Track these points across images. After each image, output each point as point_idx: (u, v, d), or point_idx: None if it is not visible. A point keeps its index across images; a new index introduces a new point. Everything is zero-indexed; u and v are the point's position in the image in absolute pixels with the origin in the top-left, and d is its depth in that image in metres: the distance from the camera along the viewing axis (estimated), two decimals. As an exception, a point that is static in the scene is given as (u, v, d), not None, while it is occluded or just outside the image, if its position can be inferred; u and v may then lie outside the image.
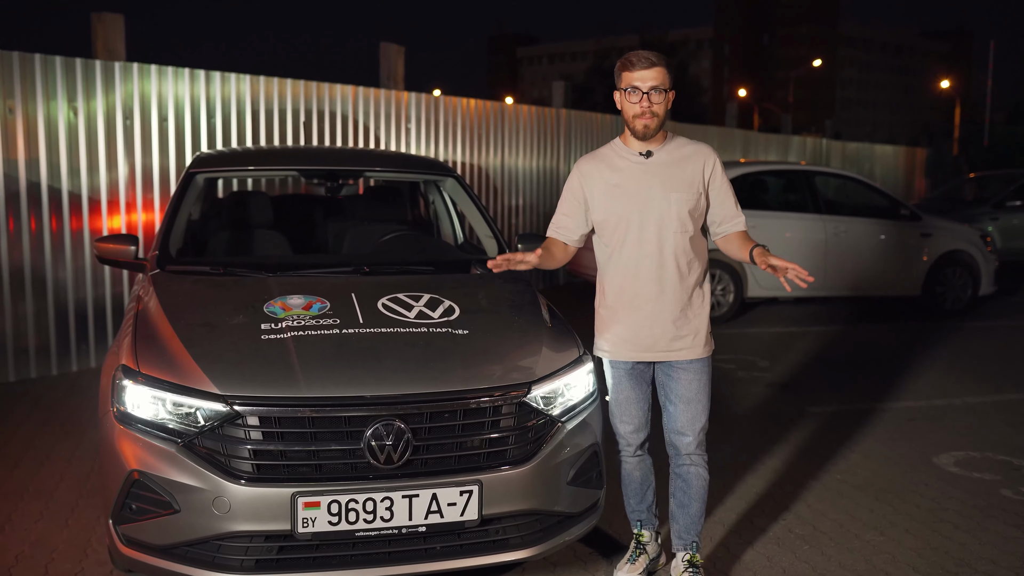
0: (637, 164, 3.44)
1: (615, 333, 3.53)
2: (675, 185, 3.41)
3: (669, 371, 3.53)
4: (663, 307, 3.44)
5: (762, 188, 10.20)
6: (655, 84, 3.30)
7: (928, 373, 7.38)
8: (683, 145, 3.48)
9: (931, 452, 5.34)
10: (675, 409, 3.53)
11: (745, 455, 5.22)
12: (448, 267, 4.31)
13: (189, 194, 4.59)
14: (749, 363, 7.57)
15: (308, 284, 3.81)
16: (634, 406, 3.58)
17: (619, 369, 3.57)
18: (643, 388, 3.59)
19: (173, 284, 3.84)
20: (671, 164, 3.43)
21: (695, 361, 3.51)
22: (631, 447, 3.64)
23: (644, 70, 3.30)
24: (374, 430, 3.04)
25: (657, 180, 3.41)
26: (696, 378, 3.51)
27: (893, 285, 10.00)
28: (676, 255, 3.43)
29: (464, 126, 10.41)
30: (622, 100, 3.39)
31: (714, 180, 3.48)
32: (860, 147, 22.55)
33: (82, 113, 6.87)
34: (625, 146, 3.48)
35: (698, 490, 3.56)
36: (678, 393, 3.51)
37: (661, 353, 3.48)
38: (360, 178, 5.35)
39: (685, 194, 3.40)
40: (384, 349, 3.30)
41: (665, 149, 3.45)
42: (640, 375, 3.57)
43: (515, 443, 3.23)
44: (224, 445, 3.03)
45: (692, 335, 3.48)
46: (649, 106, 3.31)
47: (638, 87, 3.31)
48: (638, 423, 3.60)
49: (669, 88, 3.35)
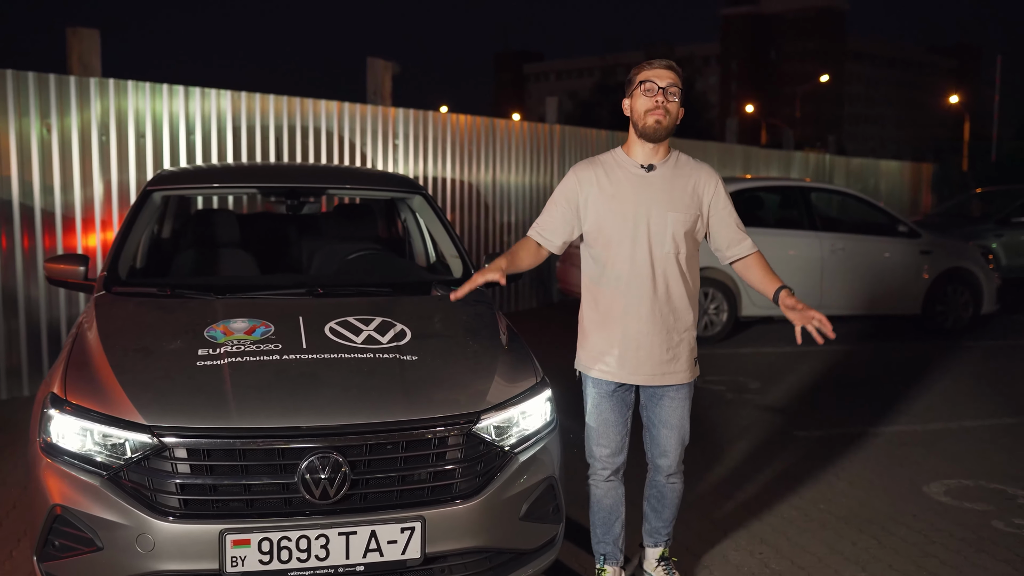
0: (637, 177, 3.30)
1: (599, 352, 3.38)
2: (674, 204, 3.28)
3: (654, 395, 3.41)
4: (652, 329, 3.30)
5: (757, 205, 10.01)
6: (671, 83, 3.20)
7: (924, 395, 7.16)
8: (686, 164, 3.37)
9: (921, 480, 5.13)
10: (658, 433, 3.45)
11: (726, 483, 5.02)
12: (407, 289, 4.13)
13: (145, 212, 4.43)
14: (740, 385, 7.36)
15: (255, 307, 3.64)
16: (612, 429, 3.43)
17: (601, 389, 3.41)
18: (624, 412, 3.44)
19: (115, 307, 3.67)
20: (672, 181, 3.30)
21: (680, 389, 3.40)
22: (605, 471, 3.49)
23: (663, 69, 3.22)
24: (309, 463, 2.86)
25: (656, 196, 3.28)
26: (681, 404, 3.42)
27: (892, 304, 9.78)
28: (668, 276, 3.30)
29: (454, 142, 10.25)
30: (633, 101, 3.26)
31: (716, 203, 3.35)
32: (865, 163, 22.33)
33: (56, 130, 6.73)
34: (627, 156, 3.34)
35: (672, 499, 3.56)
36: (662, 418, 3.42)
37: (647, 377, 3.35)
38: (323, 195, 5.19)
39: (683, 214, 3.28)
40: (325, 376, 3.13)
41: (667, 164, 3.33)
42: (622, 398, 3.42)
43: (462, 476, 3.05)
44: (150, 479, 2.86)
45: (680, 359, 3.35)
46: (664, 102, 3.19)
47: (655, 82, 3.20)
48: (615, 447, 3.45)
49: (681, 100, 3.25)
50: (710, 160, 15.48)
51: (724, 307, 9.14)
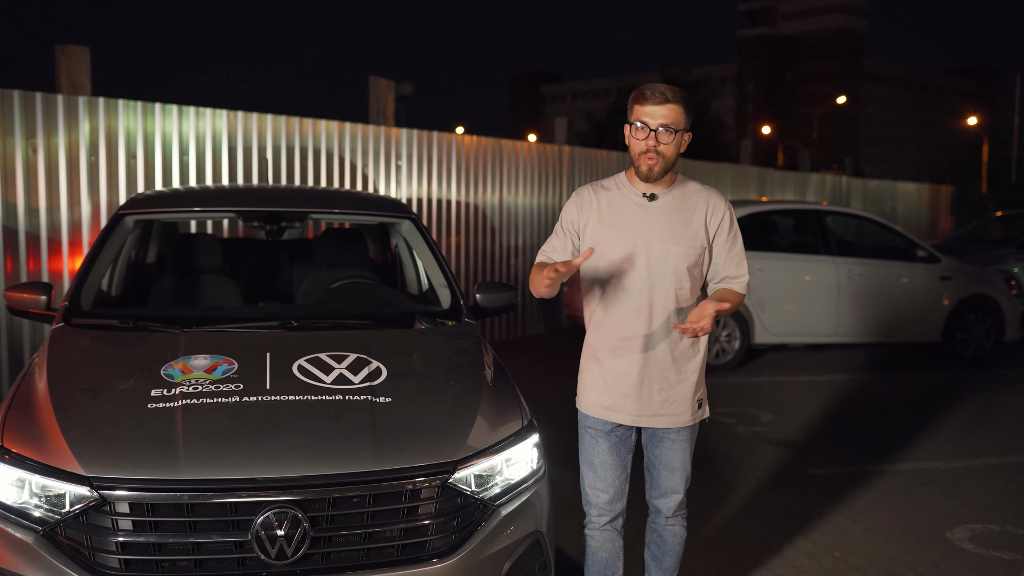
0: (638, 206, 3.04)
1: (597, 391, 3.12)
2: (676, 236, 3.02)
3: (654, 436, 3.17)
4: (651, 368, 3.05)
5: (771, 228, 9.70)
6: (665, 122, 2.91)
7: (946, 429, 6.81)
8: (693, 192, 3.08)
9: (944, 525, 4.80)
10: (658, 475, 3.21)
11: (733, 526, 4.70)
12: (389, 321, 3.85)
13: (115, 237, 4.18)
14: (751, 417, 7.04)
15: (221, 341, 3.37)
16: (610, 472, 3.16)
17: (598, 430, 3.15)
18: (623, 454, 3.17)
19: (70, 341, 3.41)
20: (676, 212, 3.04)
21: (683, 431, 3.14)
22: (602, 518, 3.21)
23: (656, 105, 2.91)
24: (265, 519, 2.59)
25: (657, 228, 3.02)
26: (683, 447, 3.17)
27: (911, 331, 9.44)
28: (667, 312, 3.03)
29: (460, 163, 10.01)
30: (629, 135, 2.99)
31: (720, 234, 3.09)
32: (882, 185, 21.99)
33: (42, 149, 6.52)
34: (629, 183, 3.08)
35: (673, 547, 3.29)
36: (663, 460, 3.18)
37: (647, 419, 3.09)
38: (304, 220, 4.93)
39: (686, 248, 3.02)
40: (286, 421, 2.85)
41: (672, 194, 3.05)
42: (621, 439, 3.16)
43: (437, 532, 2.76)
44: (88, 536, 2.59)
45: (680, 401, 3.08)
46: (655, 145, 2.92)
47: (647, 123, 2.92)
48: (614, 492, 3.18)
49: (685, 129, 2.95)
50: (723, 182, 15.19)
51: (736, 334, 8.83)
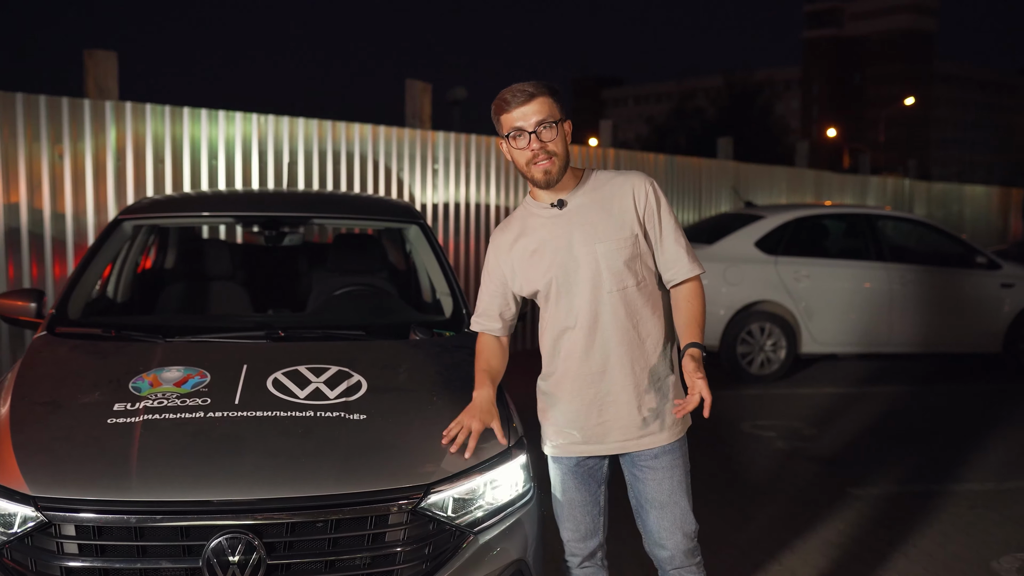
0: (550, 219, 2.75)
1: (554, 423, 2.83)
2: (599, 234, 2.70)
3: (633, 467, 2.82)
4: (610, 387, 2.73)
5: (820, 233, 9.32)
6: (541, 118, 2.62)
7: (1003, 447, 6.41)
8: (605, 181, 2.77)
9: (991, 553, 4.45)
10: (648, 517, 2.83)
11: (758, 550, 4.41)
12: (383, 332, 3.66)
13: (112, 243, 4.07)
14: (792, 431, 6.71)
15: (199, 352, 3.22)
16: (579, 510, 2.86)
17: (562, 465, 2.85)
18: (593, 488, 2.86)
19: (47, 351, 3.29)
20: (591, 208, 2.73)
21: (664, 454, 2.78)
22: (576, 557, 2.91)
23: (523, 105, 2.63)
24: (216, 544, 2.41)
25: (576, 232, 2.71)
26: (668, 475, 2.78)
27: (969, 341, 8.99)
28: (618, 320, 2.71)
29: (498, 167, 9.81)
30: (509, 149, 2.70)
31: (649, 215, 2.73)
32: (947, 188, 21.23)
33: (68, 155, 6.49)
34: (534, 200, 2.80)
35: None
36: (648, 497, 2.81)
37: (615, 444, 2.77)
38: (305, 225, 4.79)
39: (615, 242, 2.69)
40: (250, 440, 2.67)
41: (581, 192, 2.75)
42: (589, 473, 2.85)
43: (406, 561, 2.56)
44: (33, 560, 2.44)
45: (660, 416, 2.75)
46: (541, 146, 2.63)
47: (522, 127, 2.63)
48: (585, 530, 2.88)
49: (562, 119, 2.67)
50: (779, 186, 14.75)
51: (782, 343, 8.48)
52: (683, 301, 2.74)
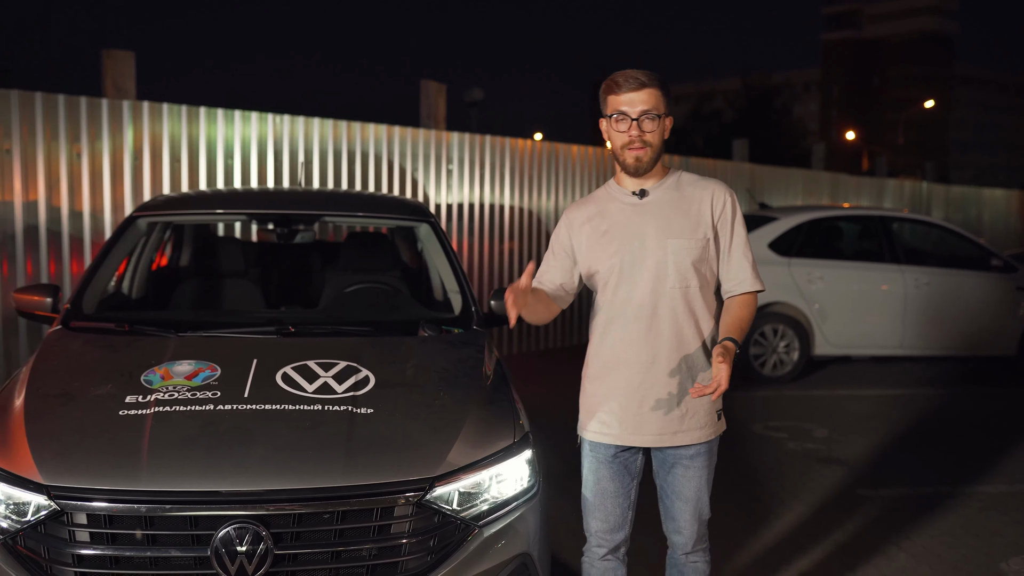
0: (630, 206, 2.84)
1: (597, 410, 2.89)
2: (673, 230, 2.79)
3: (665, 460, 2.91)
4: (656, 380, 2.80)
5: (835, 235, 9.31)
6: (646, 108, 2.72)
7: (1014, 450, 6.38)
8: (689, 183, 2.87)
9: (1000, 554, 4.45)
10: (672, 506, 2.94)
11: (767, 551, 4.43)
12: (392, 328, 3.70)
13: (126, 239, 4.13)
14: (803, 432, 6.71)
15: (210, 346, 3.27)
16: (611, 501, 2.92)
17: (599, 454, 2.91)
18: (626, 481, 2.92)
19: (61, 344, 3.35)
20: (671, 204, 2.82)
21: (698, 454, 2.88)
22: (601, 548, 2.97)
23: (633, 92, 2.72)
24: (224, 534, 2.46)
25: (652, 224, 2.80)
26: (697, 474, 2.90)
27: (983, 344, 8.95)
28: (675, 316, 2.79)
29: (513, 167, 9.85)
30: (608, 129, 2.80)
31: (724, 223, 2.83)
32: (965, 191, 21.09)
33: (86, 154, 6.58)
34: (618, 186, 2.88)
35: None
36: (676, 489, 2.92)
37: (652, 437, 2.83)
38: (316, 223, 4.84)
39: (687, 240, 2.78)
40: (258, 432, 2.72)
41: (664, 186, 2.84)
42: (624, 466, 2.91)
43: (411, 553, 2.60)
44: (46, 547, 2.49)
45: (696, 415, 2.83)
46: (640, 134, 2.72)
47: (626, 112, 2.73)
48: (614, 522, 2.94)
49: (665, 113, 2.76)
50: (794, 188, 14.72)
51: (795, 345, 8.47)
52: (736, 307, 2.83)
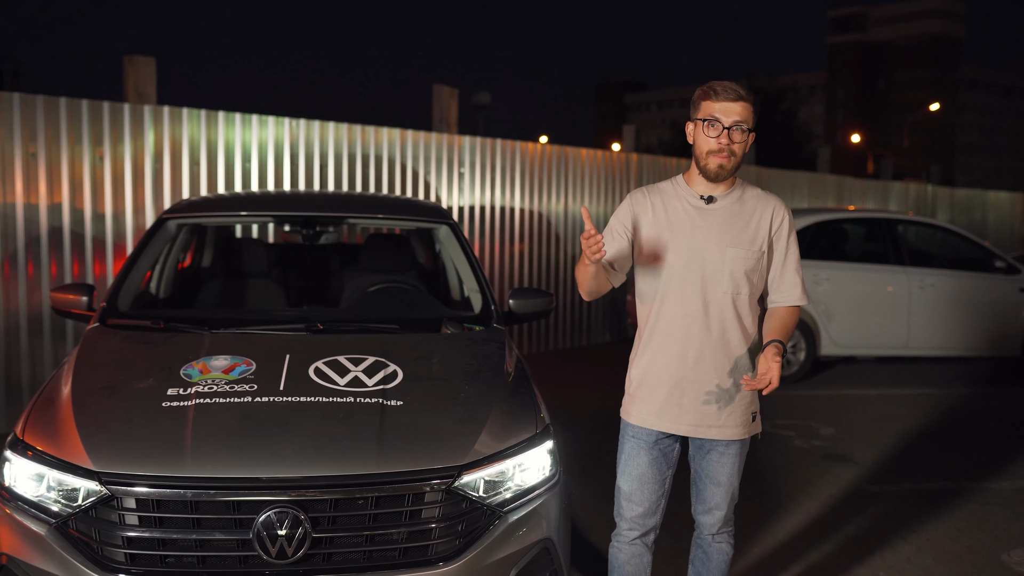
0: (695, 208, 2.96)
1: (642, 396, 3.04)
2: (733, 239, 2.93)
3: (702, 446, 3.05)
4: (699, 376, 2.95)
5: (840, 237, 9.45)
6: (739, 120, 2.84)
7: (1017, 448, 6.51)
8: (752, 197, 3.00)
9: (1001, 547, 4.58)
10: (704, 487, 3.10)
11: (777, 543, 4.56)
12: (416, 326, 3.85)
13: (157, 240, 4.28)
14: (810, 430, 6.84)
15: (244, 343, 3.42)
16: (648, 487, 3.06)
17: (640, 439, 3.05)
18: (663, 469, 3.07)
19: (101, 341, 3.50)
20: (734, 215, 2.95)
21: (733, 445, 3.02)
22: (632, 532, 3.11)
23: (729, 102, 2.84)
24: (266, 518, 2.61)
25: (715, 230, 2.93)
26: (731, 461, 3.05)
27: (987, 345, 9.08)
28: (724, 318, 2.94)
29: (523, 171, 10.00)
30: (696, 132, 2.92)
31: (779, 238, 2.98)
32: (970, 194, 21.19)
33: (108, 157, 6.74)
34: (687, 186, 3.00)
35: (718, 564, 3.17)
36: (709, 473, 3.07)
37: (689, 427, 2.98)
38: (340, 225, 4.98)
39: (744, 251, 2.92)
40: (294, 422, 2.87)
41: (731, 196, 2.97)
42: (663, 454, 3.05)
43: (440, 537, 2.75)
44: (97, 530, 2.64)
45: (733, 413, 2.96)
46: (728, 143, 2.84)
47: (719, 120, 2.84)
48: (648, 507, 3.08)
49: (752, 128, 2.88)
50: (800, 191, 14.85)
51: (802, 345, 8.60)
52: (781, 312, 2.98)
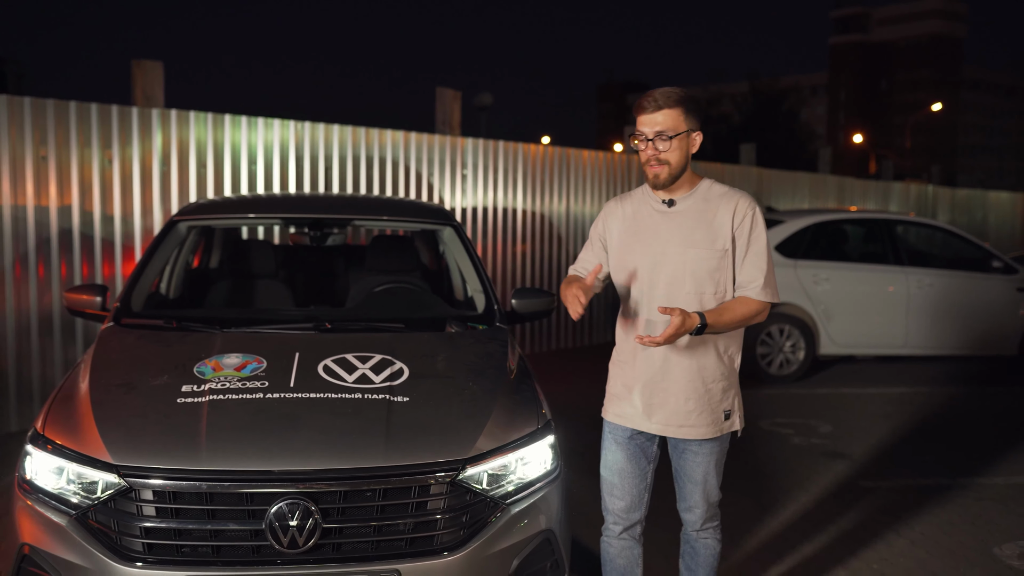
0: (659, 212, 3.04)
1: (618, 394, 3.14)
2: (695, 240, 2.98)
3: (677, 445, 3.15)
4: (666, 376, 3.03)
5: (838, 237, 9.54)
6: (661, 129, 2.90)
7: (1014, 445, 6.61)
8: (717, 195, 3.02)
9: (994, 540, 4.68)
10: (683, 486, 3.20)
11: (773, 536, 4.66)
12: (421, 325, 3.96)
13: (168, 242, 4.39)
14: (809, 428, 6.94)
15: (255, 341, 3.53)
16: (628, 481, 3.16)
17: (616, 436, 3.16)
18: (642, 463, 3.17)
19: (116, 340, 3.61)
20: (696, 216, 3.00)
21: (707, 443, 3.10)
22: (617, 526, 3.22)
23: (649, 114, 2.91)
24: (278, 509, 2.71)
25: (676, 232, 3.00)
26: (705, 460, 3.13)
27: (985, 344, 9.17)
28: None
29: (525, 172, 10.11)
30: (636, 145, 3.00)
31: (740, 234, 2.98)
32: (971, 194, 21.27)
33: (117, 160, 6.85)
34: (652, 191, 3.09)
35: (706, 558, 3.27)
36: (686, 472, 3.16)
37: (660, 426, 3.07)
38: (347, 226, 5.09)
39: (706, 251, 2.97)
40: (305, 417, 2.97)
41: (693, 197, 3.02)
42: (640, 449, 3.15)
43: (445, 528, 2.85)
44: (115, 521, 2.75)
45: (703, 412, 3.04)
46: (655, 153, 2.92)
47: (644, 133, 2.93)
48: (630, 501, 3.18)
49: (689, 130, 2.93)
50: (801, 192, 14.94)
51: (801, 345, 8.70)
52: (732, 301, 2.99)
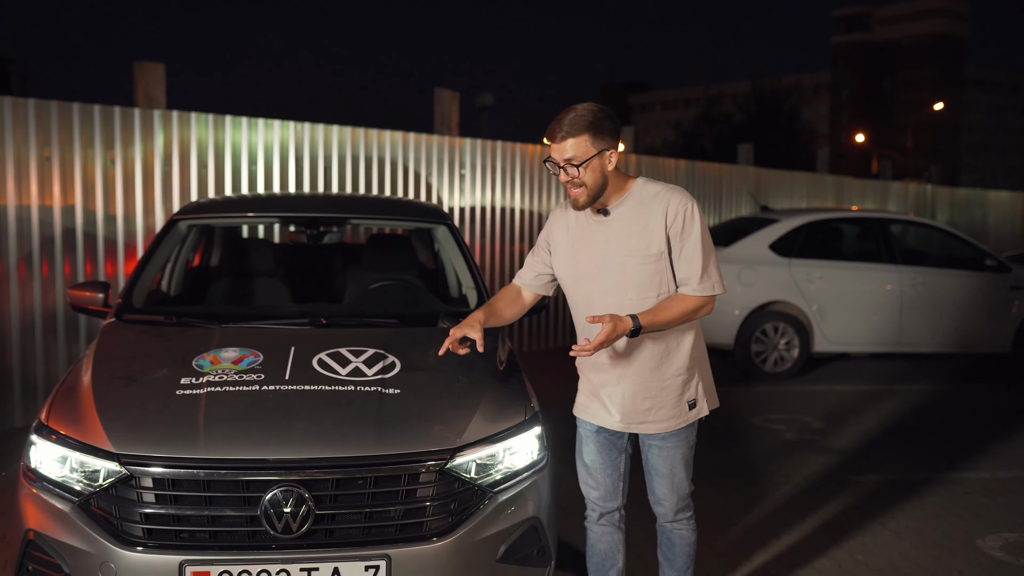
0: (596, 222, 3.09)
1: (584, 394, 3.24)
2: (631, 247, 3.00)
3: (644, 443, 3.24)
4: (621, 378, 3.10)
5: (833, 236, 9.64)
6: (568, 156, 2.91)
7: (1003, 441, 6.70)
8: (648, 196, 3.00)
9: (978, 532, 4.77)
10: (652, 480, 3.28)
11: (760, 527, 4.76)
12: (414, 320, 4.07)
13: (168, 240, 4.50)
14: (802, 424, 7.04)
15: (251, 336, 3.64)
16: (600, 472, 3.27)
17: (585, 429, 3.27)
18: (612, 455, 3.26)
19: (118, 334, 3.73)
20: (630, 222, 3.02)
21: (670, 437, 3.17)
22: (594, 513, 3.33)
23: (556, 143, 2.94)
24: (272, 496, 2.82)
25: (613, 241, 3.03)
26: (671, 453, 3.19)
27: (978, 342, 9.26)
28: None
29: (523, 172, 10.21)
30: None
31: (674, 232, 2.97)
32: (971, 193, 21.35)
33: (120, 160, 6.96)
34: None
35: (682, 548, 3.34)
36: (653, 466, 3.25)
37: (623, 424, 3.15)
38: (344, 225, 5.20)
39: (642, 257, 2.99)
40: (299, 409, 3.09)
41: (626, 202, 3.03)
42: (609, 441, 3.24)
43: (434, 515, 2.96)
44: (116, 507, 2.86)
45: (662, 408, 3.11)
46: (568, 179, 2.96)
47: (555, 160, 2.96)
48: (605, 491, 3.28)
49: (601, 151, 2.92)
50: (799, 191, 15.03)
51: (795, 342, 8.80)
52: (669, 299, 3.02)
